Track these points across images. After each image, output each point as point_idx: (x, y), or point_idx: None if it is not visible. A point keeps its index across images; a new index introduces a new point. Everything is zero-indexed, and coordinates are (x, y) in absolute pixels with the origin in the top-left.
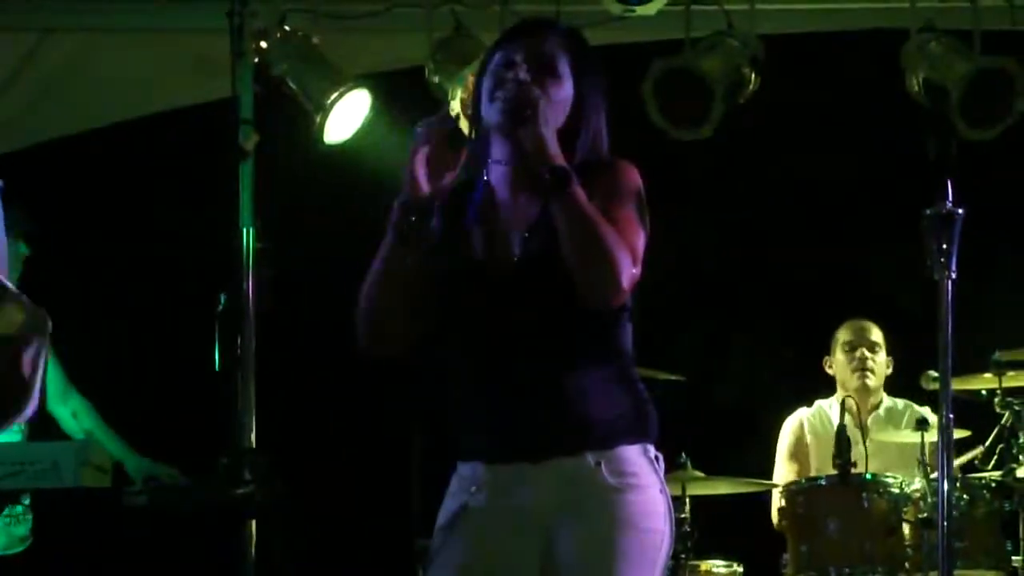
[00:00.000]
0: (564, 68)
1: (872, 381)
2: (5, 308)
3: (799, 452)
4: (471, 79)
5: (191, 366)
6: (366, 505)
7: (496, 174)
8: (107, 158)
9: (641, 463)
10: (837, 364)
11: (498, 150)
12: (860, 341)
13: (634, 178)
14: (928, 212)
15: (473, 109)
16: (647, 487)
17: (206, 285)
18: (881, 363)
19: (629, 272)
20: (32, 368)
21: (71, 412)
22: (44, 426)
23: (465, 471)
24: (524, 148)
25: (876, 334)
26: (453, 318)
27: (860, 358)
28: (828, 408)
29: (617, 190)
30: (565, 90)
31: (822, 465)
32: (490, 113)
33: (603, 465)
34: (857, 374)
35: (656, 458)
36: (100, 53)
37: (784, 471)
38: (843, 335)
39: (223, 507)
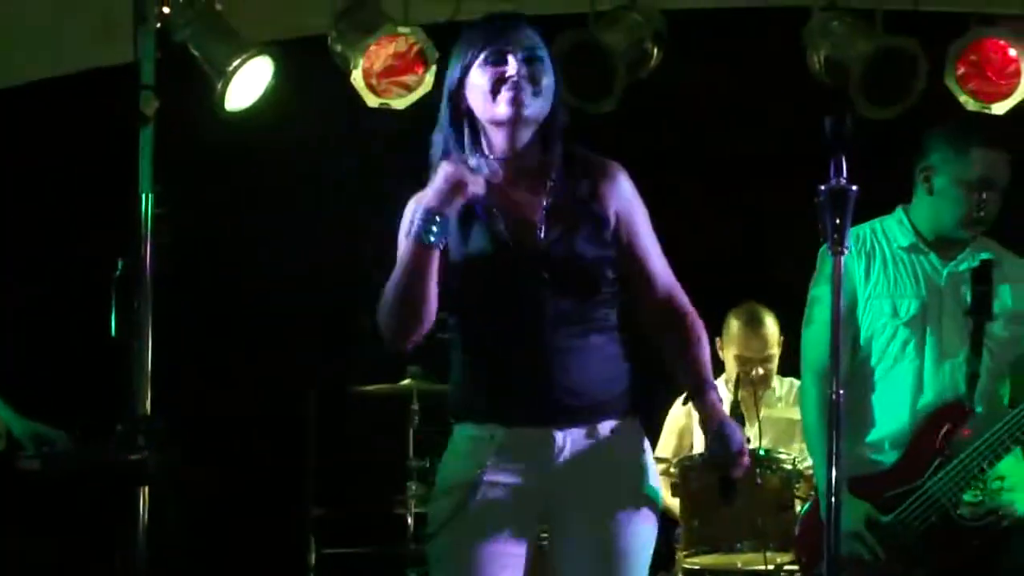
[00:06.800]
0: (546, 57)
1: (762, 385)
2: None
3: (683, 430)
4: (372, 48)
5: (88, 331)
6: (262, 473)
7: (491, 163)
8: (4, 121)
9: (640, 431)
10: (729, 364)
11: (492, 141)
12: (756, 355)
13: (629, 182)
14: (822, 188)
15: (456, 98)
16: (646, 451)
17: (104, 250)
18: (775, 360)
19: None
20: None
21: None
22: None
23: (480, 432)
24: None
25: (770, 334)
26: (477, 294)
27: (750, 375)
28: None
29: (632, 199)
30: (552, 78)
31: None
32: (489, 107)
33: (616, 432)
34: (750, 388)
35: None
36: None
37: (666, 445)
38: (736, 343)
39: (117, 473)
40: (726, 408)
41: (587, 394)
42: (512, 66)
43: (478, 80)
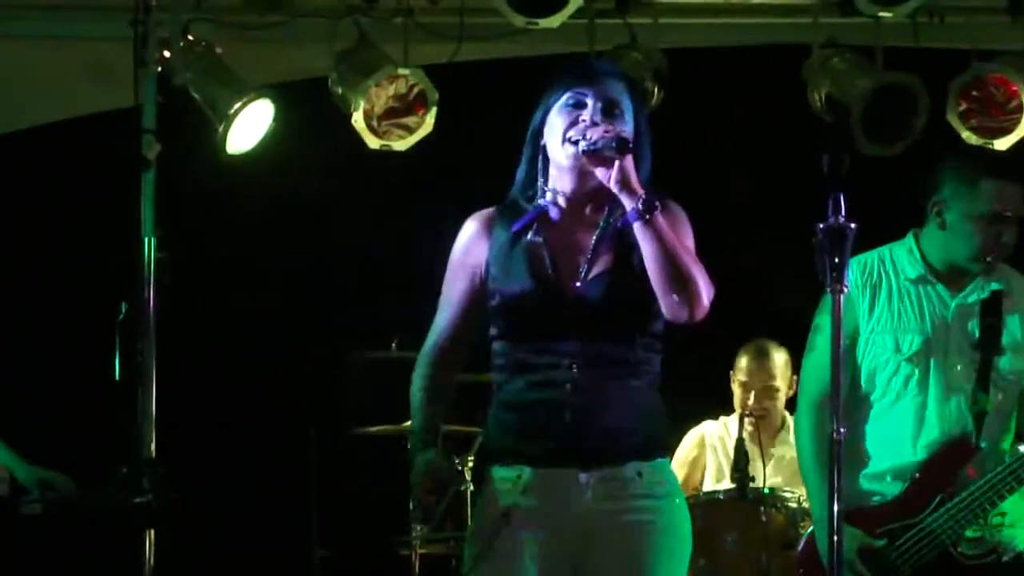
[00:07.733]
0: (628, 110)
1: (767, 419)
2: None
3: (694, 463)
4: (373, 90)
5: (91, 375)
6: (265, 515)
7: (552, 202)
8: (5, 165)
9: (670, 474)
10: (736, 394)
11: (557, 180)
12: (757, 383)
13: (686, 216)
14: (820, 226)
15: (536, 136)
16: (676, 495)
17: (107, 294)
18: (780, 395)
19: (709, 291)
20: None
21: None
22: None
23: (508, 473)
24: (610, 180)
25: (776, 365)
26: (513, 330)
27: (756, 405)
28: (728, 425)
29: (679, 228)
30: (629, 130)
31: (714, 481)
32: (558, 149)
33: (643, 475)
34: (750, 418)
35: None
36: None
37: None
38: (742, 372)
39: (121, 516)
40: (731, 445)
41: (615, 438)
42: (587, 112)
43: (555, 121)
